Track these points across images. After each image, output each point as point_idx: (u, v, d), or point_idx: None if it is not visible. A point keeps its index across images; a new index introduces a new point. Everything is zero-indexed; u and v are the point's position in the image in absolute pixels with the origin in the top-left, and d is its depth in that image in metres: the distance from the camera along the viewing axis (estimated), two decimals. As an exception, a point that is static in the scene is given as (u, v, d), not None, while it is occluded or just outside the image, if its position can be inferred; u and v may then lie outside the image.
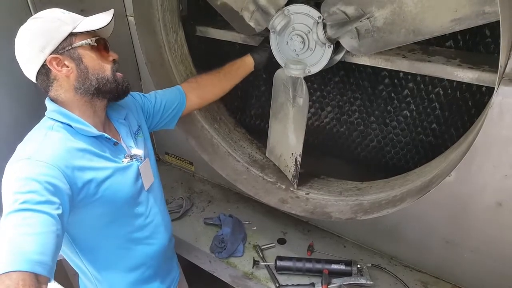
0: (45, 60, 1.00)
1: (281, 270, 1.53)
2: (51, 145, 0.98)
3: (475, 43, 1.34)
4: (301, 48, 1.32)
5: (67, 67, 1.02)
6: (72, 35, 1.01)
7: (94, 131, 1.07)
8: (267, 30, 1.42)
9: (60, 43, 1.00)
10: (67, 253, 1.18)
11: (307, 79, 1.42)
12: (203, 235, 1.75)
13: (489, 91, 1.33)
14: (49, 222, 0.84)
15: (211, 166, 1.82)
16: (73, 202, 0.98)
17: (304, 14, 1.29)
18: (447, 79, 1.43)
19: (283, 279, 1.52)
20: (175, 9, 1.71)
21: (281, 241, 1.70)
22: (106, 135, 1.10)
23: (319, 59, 1.32)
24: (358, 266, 1.49)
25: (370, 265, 1.53)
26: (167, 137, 2.09)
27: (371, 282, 1.44)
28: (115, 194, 1.11)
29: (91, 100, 1.08)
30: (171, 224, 1.40)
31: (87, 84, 1.04)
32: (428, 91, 1.51)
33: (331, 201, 1.61)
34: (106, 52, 1.09)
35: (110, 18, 1.05)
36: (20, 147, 1.00)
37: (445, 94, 1.49)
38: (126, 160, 1.16)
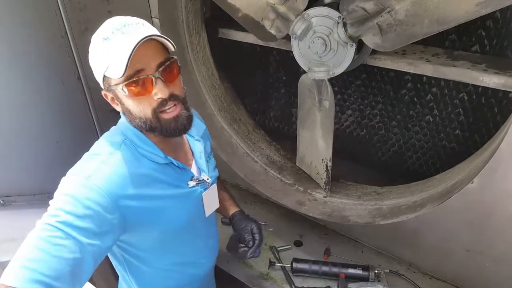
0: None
1: (297, 272, 1.53)
2: (112, 168, 0.94)
3: (502, 48, 1.31)
4: (323, 50, 1.31)
5: (117, 104, 0.98)
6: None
7: (161, 158, 1.02)
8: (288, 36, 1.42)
9: (102, 82, 0.95)
10: (116, 265, 1.18)
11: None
12: (220, 235, 1.76)
13: (516, 97, 1.30)
14: (74, 249, 0.83)
15: (229, 167, 1.84)
16: (124, 228, 0.96)
17: (324, 16, 1.28)
18: (472, 84, 1.41)
19: (298, 281, 1.52)
20: (199, 11, 1.74)
21: (298, 244, 1.70)
22: (173, 162, 1.05)
23: (342, 59, 1.31)
24: (376, 271, 1.47)
25: (388, 271, 1.51)
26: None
27: (388, 289, 1.42)
28: (171, 221, 1.07)
29: (149, 132, 1.00)
30: (218, 245, 1.39)
31: (134, 123, 0.98)
32: (452, 96, 1.49)
33: (349, 204, 1.60)
34: (148, 90, 0.91)
35: (126, 61, 0.85)
36: (86, 156, 0.98)
37: (469, 99, 1.46)
38: (191, 184, 1.11)
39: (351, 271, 1.48)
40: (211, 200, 1.21)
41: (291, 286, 1.49)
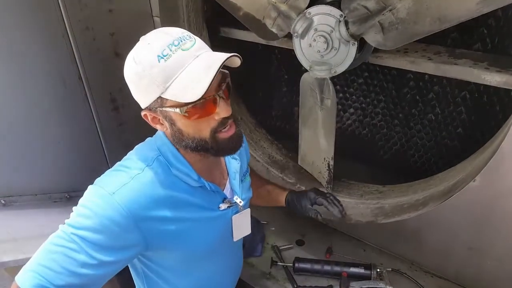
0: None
1: (299, 271, 1.53)
2: (139, 187, 0.89)
3: (504, 46, 1.31)
4: (325, 49, 1.31)
5: (161, 124, 0.92)
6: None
7: (194, 181, 0.97)
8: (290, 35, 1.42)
9: (151, 102, 0.86)
10: (135, 277, 1.16)
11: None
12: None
13: (518, 95, 1.30)
14: (86, 264, 0.83)
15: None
16: (146, 247, 0.93)
17: (325, 14, 1.28)
18: (473, 83, 1.40)
19: (300, 280, 1.51)
20: (200, 10, 1.74)
21: (300, 243, 1.70)
22: (206, 185, 0.99)
23: (344, 58, 1.31)
24: (378, 270, 1.47)
25: (390, 269, 1.51)
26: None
27: (391, 287, 1.42)
28: (196, 244, 1.03)
29: (193, 152, 0.94)
30: (242, 265, 1.36)
31: (183, 143, 0.92)
32: (454, 95, 1.49)
33: (351, 203, 1.60)
34: (211, 110, 0.86)
35: (208, 84, 0.77)
36: (118, 167, 0.94)
37: (471, 98, 1.46)
38: (223, 206, 1.05)
39: (353, 270, 1.48)
40: (241, 225, 1.14)
41: (293, 285, 1.49)
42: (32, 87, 1.54)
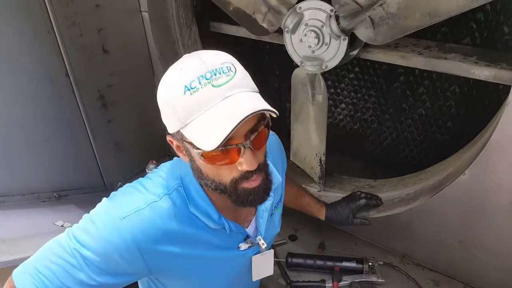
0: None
1: (292, 266, 1.53)
2: (151, 217, 0.83)
3: (493, 40, 1.32)
4: (316, 44, 1.31)
5: (184, 155, 0.83)
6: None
7: (212, 223, 0.88)
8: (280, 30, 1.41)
9: (174, 132, 0.78)
10: None
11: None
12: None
13: (506, 89, 1.31)
14: (83, 282, 0.80)
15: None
16: (150, 274, 0.90)
17: (316, 9, 1.28)
18: (463, 77, 1.41)
19: (293, 275, 1.52)
20: (189, 5, 1.72)
21: (292, 238, 1.70)
22: (226, 226, 0.90)
23: (335, 53, 1.31)
24: (370, 264, 1.48)
25: (382, 263, 1.52)
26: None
27: (383, 280, 1.43)
28: (207, 283, 0.97)
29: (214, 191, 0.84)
30: None
31: (202, 181, 0.83)
32: (444, 89, 1.50)
33: (343, 198, 1.60)
34: (233, 160, 0.75)
35: (223, 137, 0.67)
36: (138, 184, 0.89)
37: (461, 92, 1.47)
38: (243, 246, 0.96)
39: (345, 264, 1.48)
40: (263, 266, 1.05)
41: (286, 280, 1.49)
42: (17, 85, 1.51)
